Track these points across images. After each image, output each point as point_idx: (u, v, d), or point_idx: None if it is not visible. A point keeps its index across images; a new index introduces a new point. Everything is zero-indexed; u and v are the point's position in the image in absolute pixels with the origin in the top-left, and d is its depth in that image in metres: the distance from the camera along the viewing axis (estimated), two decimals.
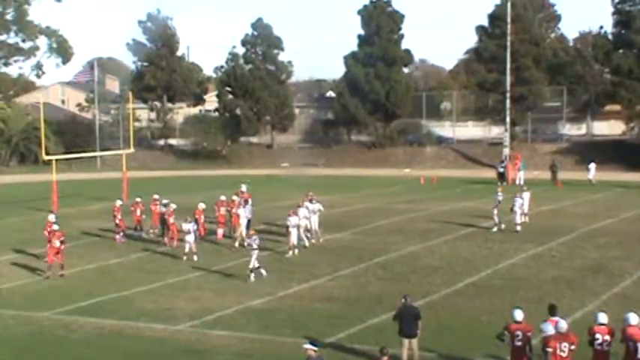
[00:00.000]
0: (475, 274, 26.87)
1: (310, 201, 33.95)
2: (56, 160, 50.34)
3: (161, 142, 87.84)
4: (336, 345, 19.08)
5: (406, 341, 17.33)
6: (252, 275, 25.99)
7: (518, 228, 34.87)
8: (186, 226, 30.25)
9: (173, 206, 32.97)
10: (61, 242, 27.57)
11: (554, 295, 23.57)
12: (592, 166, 57.74)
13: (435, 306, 22.43)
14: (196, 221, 33.47)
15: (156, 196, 36.31)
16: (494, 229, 35.60)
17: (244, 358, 18.66)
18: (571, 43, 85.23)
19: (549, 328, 15.62)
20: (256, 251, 26.33)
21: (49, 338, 20.51)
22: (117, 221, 34.70)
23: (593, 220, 38.28)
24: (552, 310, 16.64)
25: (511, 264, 28.58)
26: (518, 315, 16.07)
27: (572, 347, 15.18)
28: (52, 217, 29.61)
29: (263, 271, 26.24)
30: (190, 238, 29.88)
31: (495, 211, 35.77)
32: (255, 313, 22.46)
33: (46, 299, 24.38)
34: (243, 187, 37.43)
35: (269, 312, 22.52)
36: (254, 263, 26.19)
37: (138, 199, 36.14)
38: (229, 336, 20.24)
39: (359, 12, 79.25)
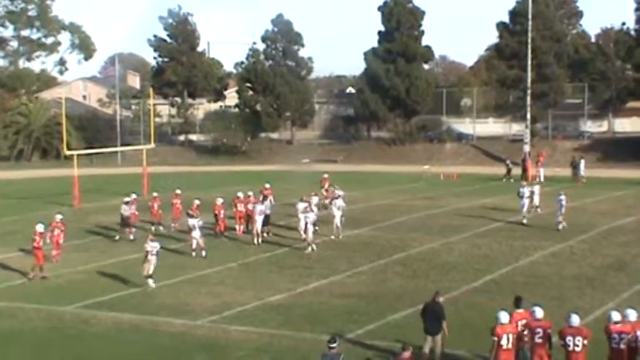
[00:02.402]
0: (495, 271, 26.80)
1: (336, 197, 34.47)
2: (77, 155, 50.54)
3: (181, 137, 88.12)
4: (355, 341, 19.08)
5: (429, 338, 17.34)
6: (151, 281, 24.82)
7: (561, 226, 34.51)
8: (191, 222, 30.17)
9: (197, 202, 33.07)
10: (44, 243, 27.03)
11: (575, 292, 23.53)
12: (582, 162, 57.65)
13: (455, 303, 22.35)
14: (216, 217, 33.68)
15: (178, 191, 36.69)
16: (525, 220, 36.38)
17: (263, 353, 18.69)
18: (593, 40, 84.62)
19: (501, 316, 15.80)
20: (155, 257, 24.81)
21: (69, 332, 20.65)
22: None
23: (613, 218, 38.05)
24: (517, 303, 16.80)
25: (531, 261, 28.47)
26: (539, 312, 16.04)
27: (585, 341, 15.22)
28: (58, 217, 29.60)
29: (151, 282, 24.85)
30: (196, 234, 29.84)
31: (526, 203, 36.86)
32: (274, 308, 22.50)
33: (67, 294, 24.55)
34: (267, 185, 37.71)
35: (288, 307, 22.56)
36: (149, 269, 24.81)
37: (155, 194, 36.39)
38: (248, 331, 20.29)
39: (379, 8, 79.10)
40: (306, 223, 30.73)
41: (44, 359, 18.85)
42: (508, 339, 15.58)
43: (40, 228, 27.44)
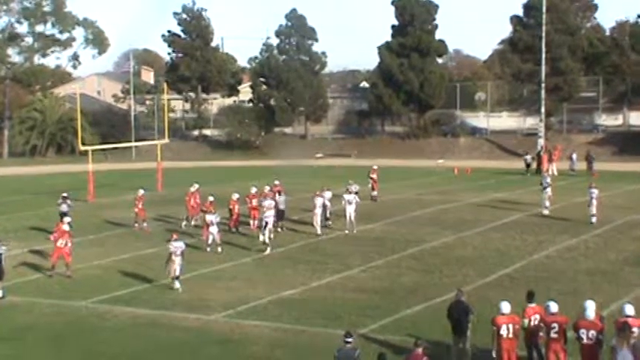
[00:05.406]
0: (509, 265, 26.75)
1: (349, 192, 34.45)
2: (92, 150, 50.76)
3: (195, 132, 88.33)
4: (369, 336, 19.10)
5: (457, 337, 17.15)
6: (178, 283, 24.21)
7: (594, 220, 34.29)
8: (209, 218, 30.25)
9: (211, 198, 33.14)
10: (65, 244, 26.61)
11: (590, 287, 23.45)
12: (574, 156, 58.00)
13: (469, 298, 22.13)
14: (230, 212, 33.78)
15: (196, 186, 36.84)
16: (546, 211, 36.92)
17: (278, 348, 18.75)
18: (607, 33, 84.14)
19: (502, 306, 16.13)
20: (179, 258, 24.23)
21: (84, 327, 20.77)
22: (136, 210, 35.31)
23: (629, 212, 37.85)
24: (529, 298, 16.85)
25: (545, 255, 28.40)
26: (553, 307, 16.04)
27: (601, 336, 15.24)
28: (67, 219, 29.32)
29: (177, 284, 24.25)
30: (214, 229, 29.93)
31: (546, 196, 37.48)
32: (288, 303, 22.55)
33: (82, 288, 24.67)
34: (276, 181, 37.66)
35: (302, 302, 22.60)
36: (178, 270, 24.24)
37: (192, 189, 36.39)
38: (263, 326, 20.35)
39: (393, 2, 78.89)
40: (266, 223, 29.95)
41: (60, 354, 18.97)
42: (508, 329, 15.82)
43: (66, 227, 27.40)
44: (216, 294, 23.69)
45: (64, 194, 36.61)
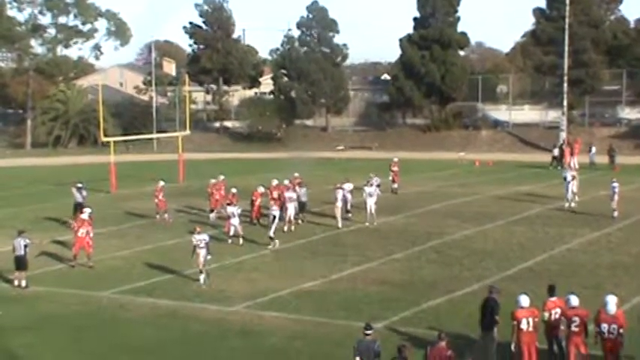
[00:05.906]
0: (530, 258, 26.65)
1: (368, 183, 34.74)
2: (114, 141, 51.00)
3: (217, 124, 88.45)
4: (390, 328, 19.11)
5: (484, 335, 17.08)
6: (202, 277, 23.93)
7: (615, 214, 34.06)
8: (230, 209, 30.36)
9: (233, 190, 33.23)
10: (87, 233, 26.79)
11: (611, 281, 23.33)
12: (593, 149, 57.81)
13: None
14: (252, 203, 33.83)
15: (221, 177, 36.97)
16: (567, 204, 36.75)
17: (298, 339, 18.79)
18: (632, 25, 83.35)
19: (521, 300, 16.03)
20: (203, 250, 24.03)
21: (106, 317, 20.92)
22: (156, 201, 35.51)
23: None
24: (551, 291, 16.75)
25: (567, 249, 28.26)
26: (574, 300, 15.97)
27: (622, 330, 15.18)
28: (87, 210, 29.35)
29: (201, 278, 23.99)
30: (235, 221, 30.02)
31: (569, 189, 37.16)
32: (308, 295, 22.59)
33: (104, 279, 24.83)
34: (296, 174, 37.65)
35: (323, 294, 22.63)
36: (203, 262, 23.99)
37: (214, 181, 36.51)
38: (283, 318, 20.40)
39: None
40: (274, 217, 29.47)
41: (81, 343, 19.09)
42: (528, 322, 15.78)
43: (84, 216, 27.67)
44: (237, 285, 23.77)
45: (79, 185, 36.75)
